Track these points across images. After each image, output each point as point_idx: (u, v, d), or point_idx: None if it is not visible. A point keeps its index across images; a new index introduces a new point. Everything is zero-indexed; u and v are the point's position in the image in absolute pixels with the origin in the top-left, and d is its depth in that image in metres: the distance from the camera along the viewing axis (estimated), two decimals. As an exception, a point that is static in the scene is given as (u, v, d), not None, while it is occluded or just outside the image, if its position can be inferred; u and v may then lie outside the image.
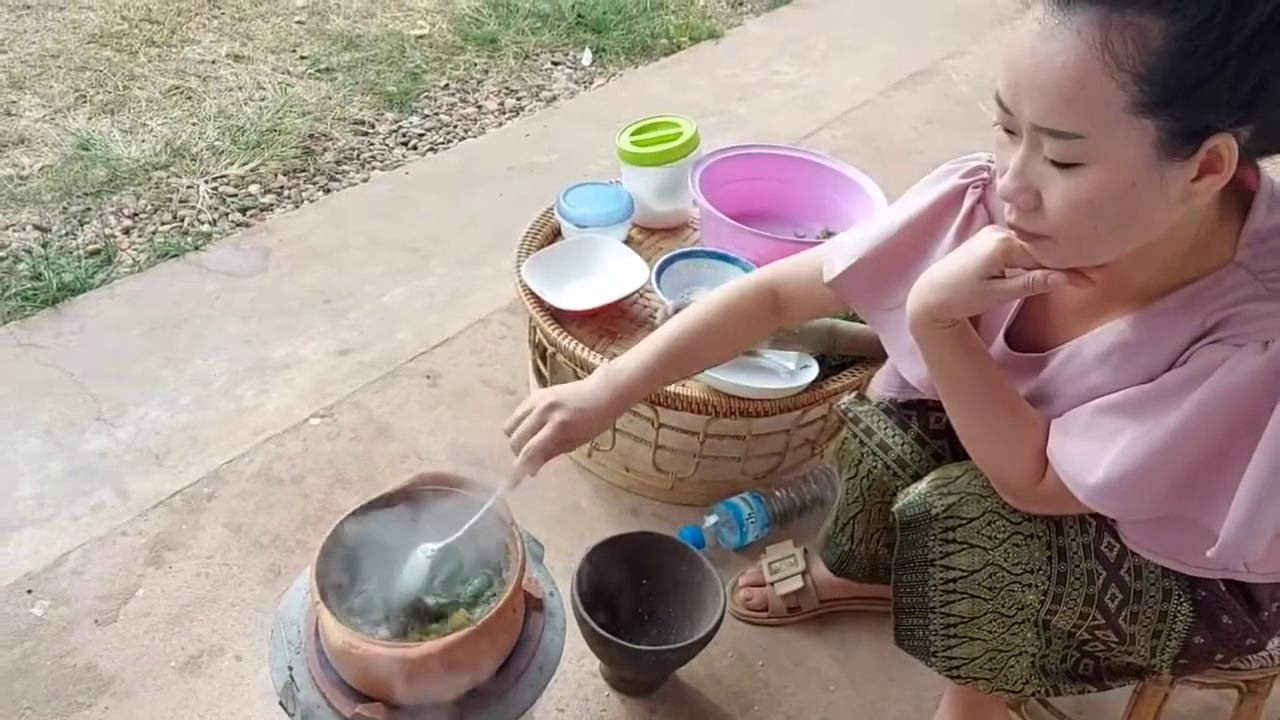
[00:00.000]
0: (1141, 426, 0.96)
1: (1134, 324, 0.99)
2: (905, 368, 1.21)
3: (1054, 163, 0.88)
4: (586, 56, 3.63)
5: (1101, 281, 1.01)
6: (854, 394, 1.40)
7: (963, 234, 1.11)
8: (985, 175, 1.13)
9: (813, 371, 1.64)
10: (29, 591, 1.58)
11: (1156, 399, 0.95)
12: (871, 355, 1.67)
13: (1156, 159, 0.84)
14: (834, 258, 1.22)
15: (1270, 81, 0.80)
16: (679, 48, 3.77)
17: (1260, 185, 0.95)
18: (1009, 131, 0.92)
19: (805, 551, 1.64)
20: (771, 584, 1.61)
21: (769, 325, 1.35)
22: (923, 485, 1.15)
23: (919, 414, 1.29)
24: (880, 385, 1.36)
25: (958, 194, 1.14)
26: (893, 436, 1.29)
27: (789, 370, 1.65)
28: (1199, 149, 0.84)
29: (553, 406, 1.22)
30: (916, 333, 1.08)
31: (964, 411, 1.11)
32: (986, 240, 1.00)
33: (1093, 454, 0.99)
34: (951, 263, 1.03)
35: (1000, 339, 1.14)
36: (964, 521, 1.11)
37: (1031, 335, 1.13)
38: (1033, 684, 1.17)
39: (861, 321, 1.64)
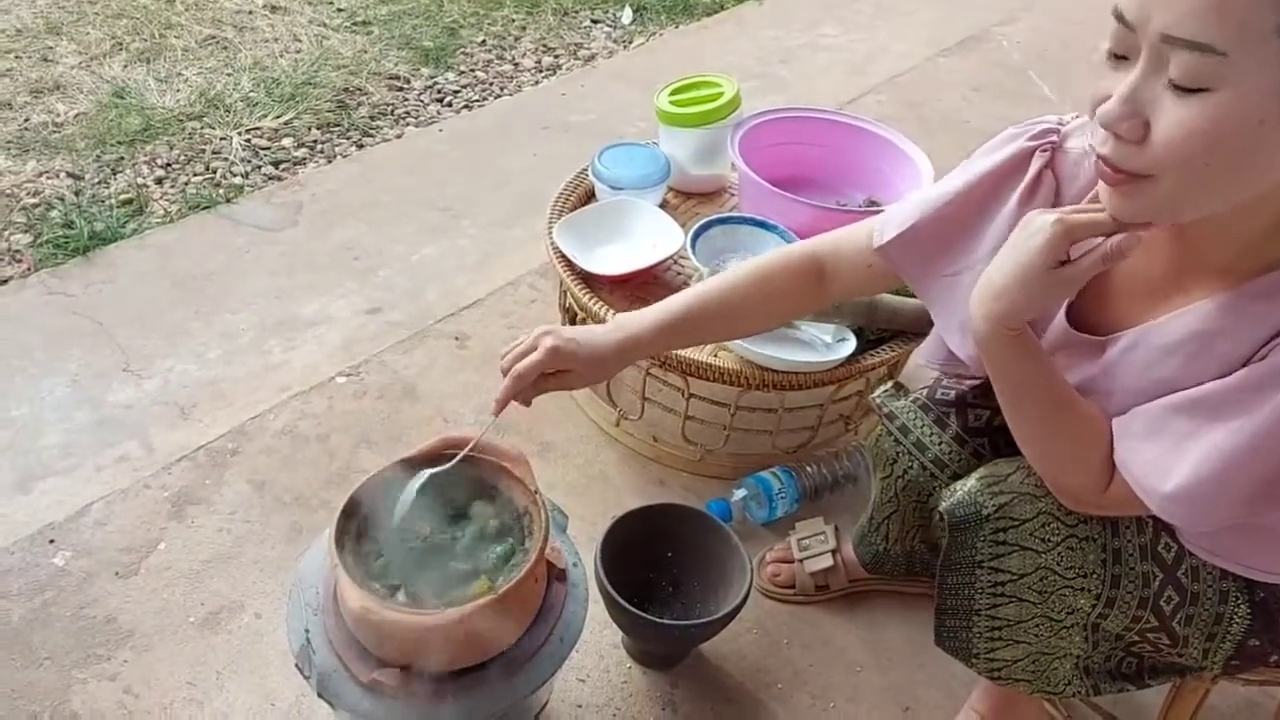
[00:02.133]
0: (1221, 429, 0.88)
1: (1211, 311, 0.91)
2: (954, 342, 1.14)
3: (1176, 86, 0.78)
4: (627, 15, 3.56)
5: (1174, 257, 0.94)
6: (889, 385, 1.33)
7: (1027, 200, 1.04)
8: (1054, 138, 1.06)
9: (850, 345, 1.59)
10: (51, 541, 1.58)
11: (1237, 398, 0.88)
12: (912, 330, 1.62)
13: None
14: (887, 224, 1.15)
15: None
16: (722, 7, 3.69)
17: None
18: (1119, 57, 0.82)
19: (836, 529, 1.60)
20: (800, 561, 1.57)
21: (810, 300, 1.24)
22: (971, 483, 1.08)
23: (958, 411, 1.23)
24: (924, 356, 1.26)
25: (1024, 157, 1.06)
26: (929, 435, 1.24)
27: (825, 343, 1.60)
28: None
29: (546, 333, 1.16)
30: (985, 347, 0.99)
31: (1028, 421, 1.02)
32: (1039, 225, 0.91)
33: (1166, 459, 0.91)
34: (1008, 263, 0.94)
35: (1061, 316, 1.06)
36: (1016, 523, 1.04)
37: (1093, 315, 1.05)
38: (1074, 685, 1.12)
39: (905, 295, 1.59)
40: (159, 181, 2.51)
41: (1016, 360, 0.98)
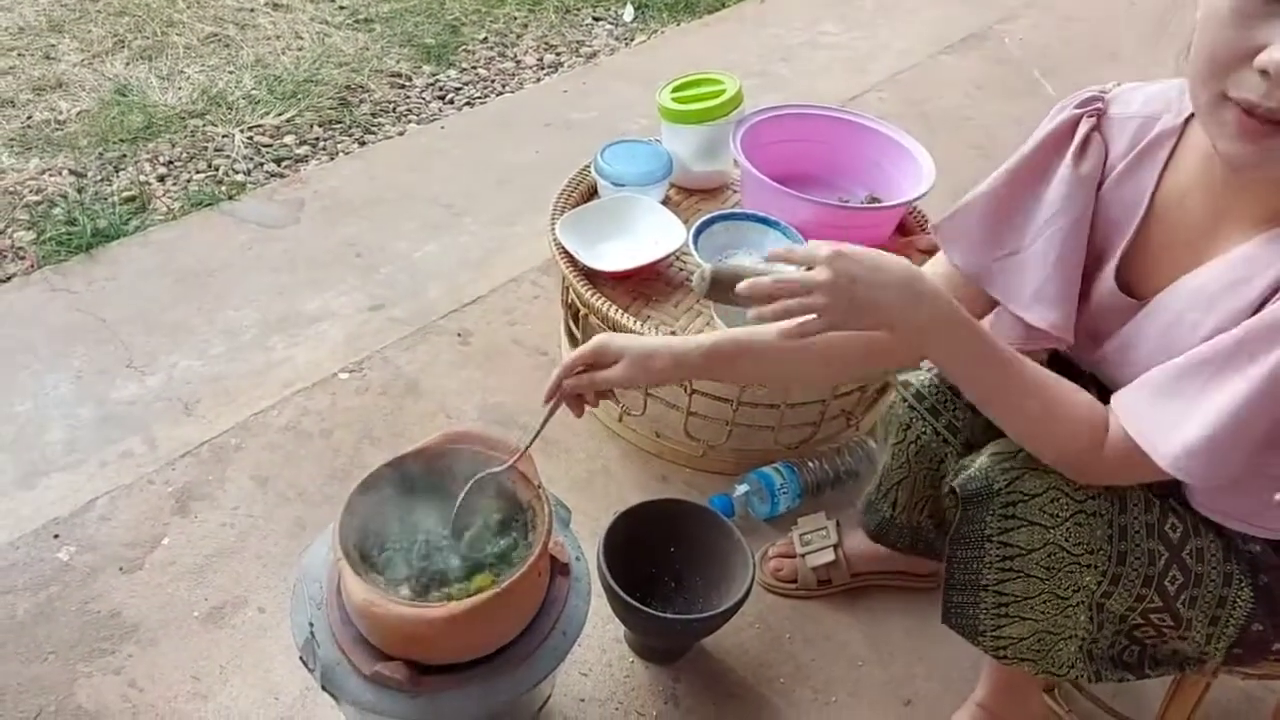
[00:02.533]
0: (1229, 382, 0.89)
1: (1234, 260, 0.94)
2: (1035, 314, 1.10)
3: None
4: (629, 12, 3.56)
5: (1220, 207, 0.96)
6: None
7: (1078, 160, 1.07)
8: (1099, 105, 1.08)
9: (852, 340, 1.59)
10: (56, 536, 1.58)
11: (1239, 352, 0.89)
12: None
13: None
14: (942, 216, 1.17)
15: None
16: (724, 5, 3.69)
17: None
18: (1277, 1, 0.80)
19: (838, 524, 1.60)
20: (802, 555, 1.58)
21: (878, 353, 1.16)
22: (983, 459, 1.09)
23: None
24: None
25: (1071, 124, 1.09)
26: (944, 402, 1.25)
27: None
28: None
29: (601, 337, 1.16)
30: (935, 348, 1.00)
31: (992, 398, 1.03)
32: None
33: (1177, 417, 0.92)
34: (893, 264, 0.96)
35: (1110, 275, 1.07)
36: (1026, 497, 1.05)
37: (1136, 274, 1.07)
38: (1078, 668, 1.13)
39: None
40: (161, 179, 2.52)
41: (966, 348, 0.99)
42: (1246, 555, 1.07)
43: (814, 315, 0.96)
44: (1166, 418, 0.93)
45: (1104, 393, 1.05)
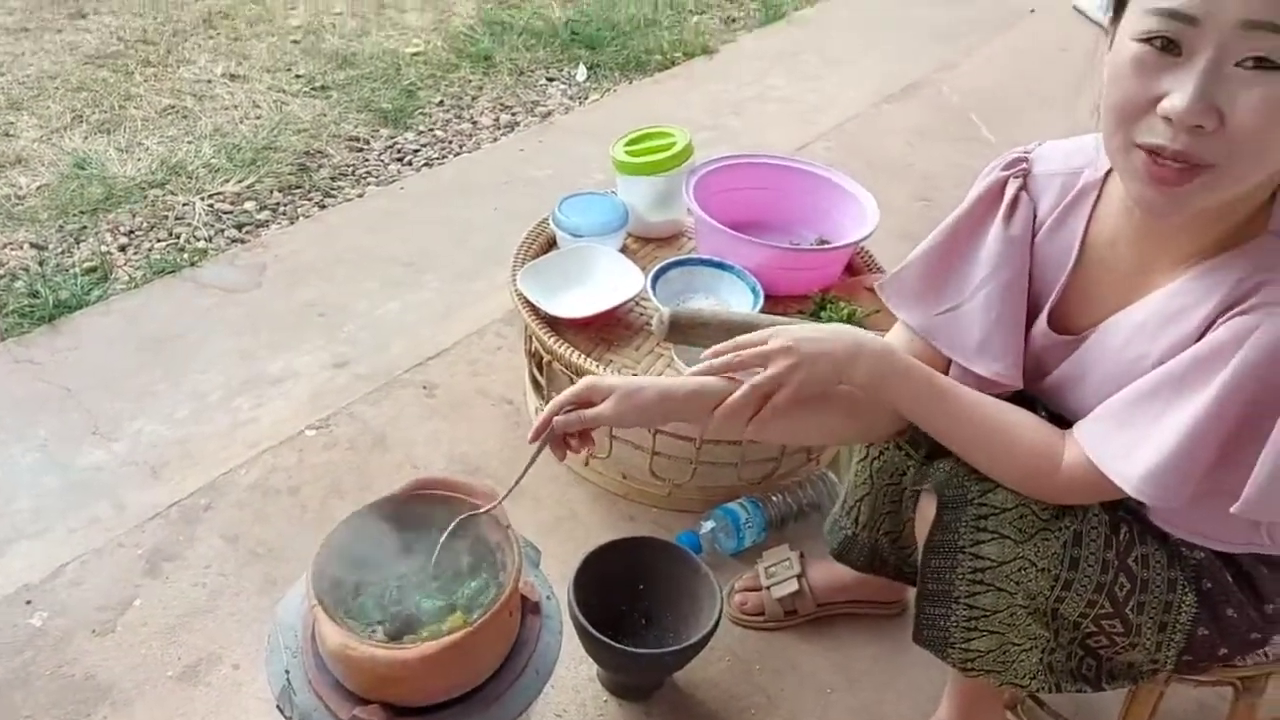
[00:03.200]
0: (1180, 408, 0.95)
1: (1170, 293, 1.00)
2: (981, 366, 1.17)
3: (1259, 66, 0.83)
4: (581, 72, 3.66)
5: (1149, 250, 1.03)
6: None
7: (1009, 221, 1.14)
8: (1025, 165, 1.15)
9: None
10: (28, 602, 1.58)
11: (1191, 375, 0.95)
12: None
13: None
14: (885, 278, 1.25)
15: None
16: (673, 63, 3.80)
17: None
18: (1165, 47, 0.87)
19: (801, 555, 1.64)
20: (768, 588, 1.61)
21: (855, 403, 1.21)
22: (948, 464, 1.13)
23: None
24: None
25: (1000, 185, 1.16)
26: None
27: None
28: None
29: (590, 377, 1.20)
30: (886, 396, 1.11)
31: (952, 444, 1.12)
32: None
33: (1134, 443, 0.98)
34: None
35: (1044, 320, 1.14)
36: (996, 510, 1.09)
37: (1071, 314, 1.13)
38: (1039, 679, 1.16)
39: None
40: (122, 249, 2.54)
41: (911, 387, 1.11)
42: (1190, 562, 1.12)
43: (781, 387, 1.10)
44: (1126, 443, 0.99)
45: (1051, 418, 1.12)
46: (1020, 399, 1.16)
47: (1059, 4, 4.49)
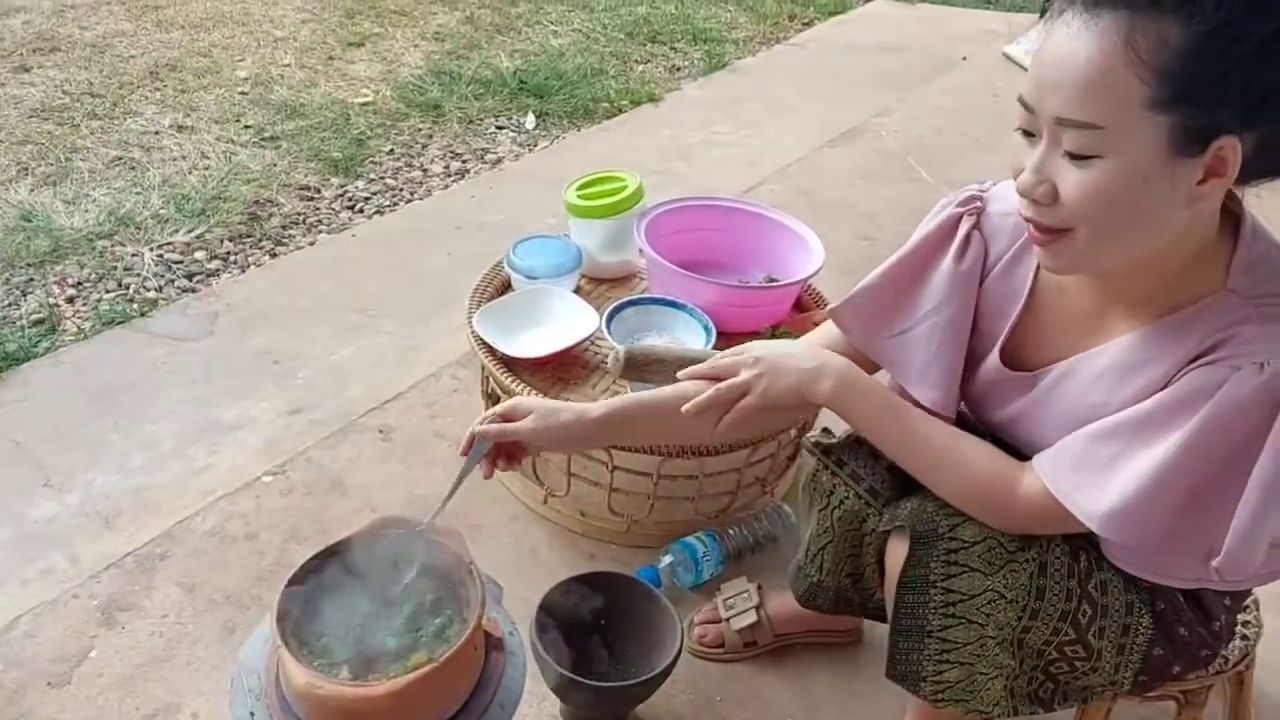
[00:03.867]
0: (1146, 449, 1.00)
1: (1131, 344, 1.05)
2: (920, 392, 1.23)
3: (1072, 156, 0.94)
4: (530, 120, 3.72)
5: (1097, 298, 1.08)
6: (820, 431, 1.42)
7: (960, 258, 1.19)
8: (979, 203, 1.21)
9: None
10: (-21, 657, 1.56)
11: (1156, 420, 1.00)
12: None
13: (1169, 154, 0.91)
14: (838, 301, 1.30)
15: (1274, 91, 0.89)
16: (620, 111, 3.88)
17: (1244, 217, 1.03)
18: (1028, 135, 0.98)
19: (759, 587, 1.67)
20: (727, 620, 1.64)
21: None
22: (914, 502, 1.18)
23: None
24: None
25: (953, 222, 1.21)
26: (864, 467, 1.31)
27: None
28: (1207, 149, 0.91)
29: (514, 398, 1.31)
30: (846, 414, 1.19)
31: (910, 466, 1.18)
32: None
33: (1098, 481, 1.03)
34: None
35: (995, 356, 1.19)
36: (966, 545, 1.13)
37: (1025, 352, 1.18)
38: (1003, 704, 1.19)
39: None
40: (70, 300, 2.52)
41: (867, 405, 1.19)
42: (1144, 584, 1.16)
43: (748, 393, 1.20)
44: (1088, 480, 1.04)
45: (1008, 452, 1.17)
46: (977, 433, 1.20)
47: (989, 52, 4.67)
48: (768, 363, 1.20)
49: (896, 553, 1.19)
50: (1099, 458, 1.03)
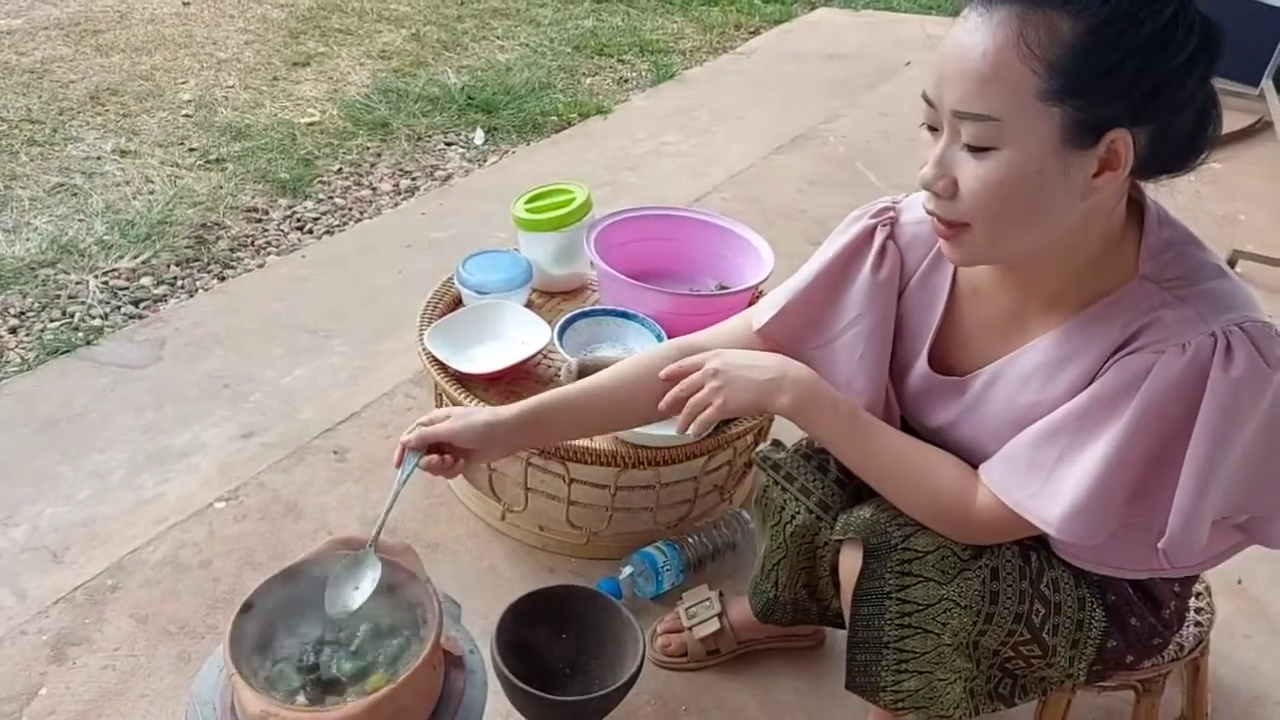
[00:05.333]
0: (1088, 448, 1.02)
1: (1055, 340, 1.07)
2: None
3: (970, 148, 0.96)
4: (479, 136, 3.71)
5: (1013, 298, 1.10)
6: (769, 442, 1.43)
7: (877, 268, 1.21)
8: (892, 214, 1.22)
9: (715, 417, 1.69)
10: (-78, 701, 1.51)
11: (1093, 414, 1.02)
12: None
13: (1062, 146, 0.93)
14: (761, 310, 1.30)
15: (1163, 86, 0.91)
16: (569, 124, 3.88)
17: (1147, 205, 1.05)
18: (932, 130, 1.00)
19: (720, 594, 1.67)
20: (689, 628, 1.63)
21: None
22: (868, 511, 1.18)
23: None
24: None
25: (868, 233, 1.23)
26: (813, 481, 1.32)
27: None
28: (1099, 142, 0.93)
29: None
30: (804, 424, 1.20)
31: (867, 475, 1.19)
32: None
33: (1048, 487, 1.05)
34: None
35: (924, 362, 1.21)
36: (919, 554, 1.14)
37: (951, 358, 1.20)
38: (963, 707, 1.21)
39: None
40: (13, 330, 2.47)
41: (832, 424, 1.19)
42: (1094, 578, 1.18)
43: (709, 405, 1.19)
44: (1038, 485, 1.05)
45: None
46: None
47: (932, 56, 4.73)
48: (727, 375, 1.20)
49: (849, 563, 1.20)
50: (1045, 462, 1.05)
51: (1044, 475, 1.05)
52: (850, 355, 1.24)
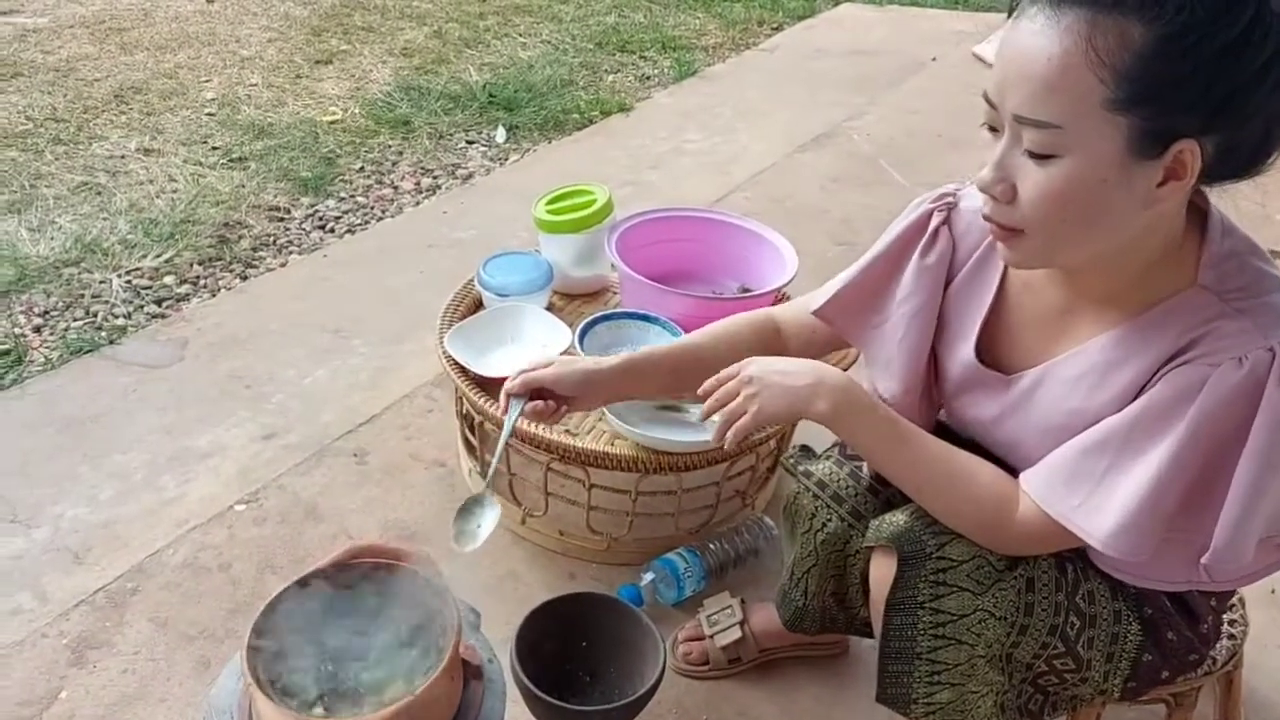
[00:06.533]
0: (1138, 459, 0.99)
1: (1106, 345, 1.04)
2: (881, 383, 1.26)
3: (1031, 154, 0.93)
4: (500, 134, 3.70)
5: (1065, 297, 1.07)
6: (797, 448, 1.41)
7: (927, 252, 1.20)
8: (951, 199, 1.21)
9: (737, 422, 1.67)
10: (-57, 703, 1.52)
11: (1144, 426, 0.99)
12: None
13: (1127, 156, 0.90)
14: (820, 292, 1.31)
15: (1235, 95, 0.88)
16: (591, 121, 3.86)
17: (1211, 213, 1.02)
18: (992, 130, 0.98)
19: (742, 602, 1.65)
20: (711, 636, 1.62)
21: (772, 351, 1.34)
22: (902, 518, 1.16)
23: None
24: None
25: (925, 218, 1.21)
26: (845, 488, 1.30)
27: (714, 422, 1.67)
28: (1166, 152, 0.90)
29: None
30: (841, 431, 1.16)
31: (904, 484, 1.16)
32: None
33: (1095, 499, 1.02)
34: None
35: (971, 353, 1.18)
36: (954, 564, 1.11)
37: (999, 350, 1.18)
38: None
39: None
40: (38, 330, 2.48)
41: (871, 428, 1.15)
42: (1130, 591, 1.15)
43: (744, 414, 1.16)
44: (1085, 498, 1.02)
45: (987, 456, 1.16)
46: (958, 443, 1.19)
47: (959, 53, 4.69)
48: (762, 382, 1.17)
49: (881, 570, 1.17)
50: (1092, 473, 1.02)
51: (1090, 487, 1.02)
52: (893, 338, 1.23)
